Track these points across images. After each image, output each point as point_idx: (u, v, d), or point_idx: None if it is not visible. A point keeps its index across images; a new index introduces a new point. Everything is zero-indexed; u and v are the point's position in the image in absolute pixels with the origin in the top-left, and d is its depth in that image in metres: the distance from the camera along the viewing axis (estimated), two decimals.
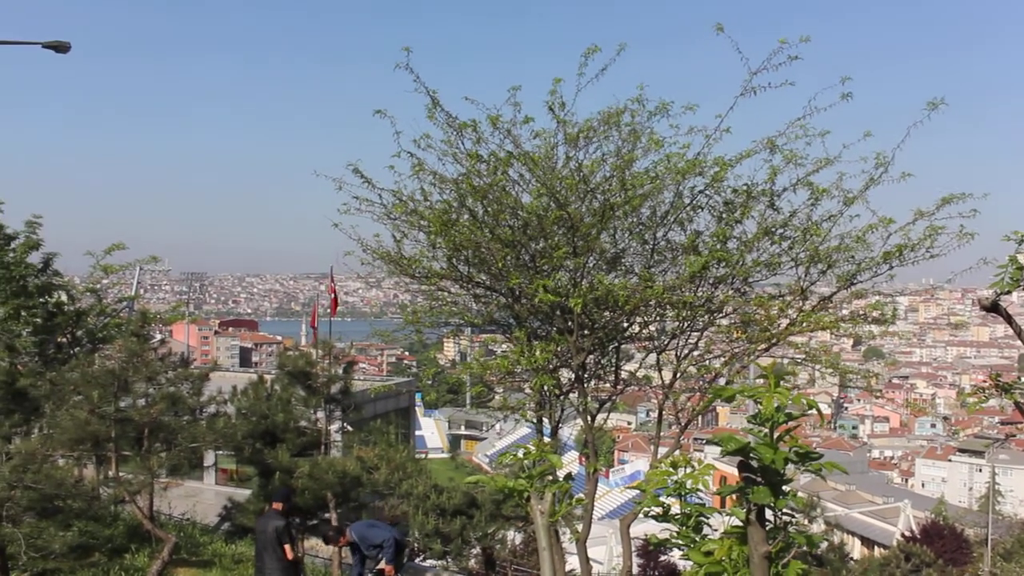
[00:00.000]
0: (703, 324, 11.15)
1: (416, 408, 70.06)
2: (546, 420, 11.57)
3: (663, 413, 11.46)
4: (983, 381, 9.24)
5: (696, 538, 3.81)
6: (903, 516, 58.87)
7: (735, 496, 3.48)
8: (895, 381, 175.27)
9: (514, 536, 28.17)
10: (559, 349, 10.72)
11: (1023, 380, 7.72)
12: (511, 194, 10.56)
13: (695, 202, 10.50)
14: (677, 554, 4.39)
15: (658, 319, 11.57)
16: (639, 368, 12.01)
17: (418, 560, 24.23)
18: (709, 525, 3.97)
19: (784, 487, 3.35)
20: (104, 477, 14.28)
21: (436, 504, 21.22)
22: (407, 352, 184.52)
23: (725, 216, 10.47)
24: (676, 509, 4.08)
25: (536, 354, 10.21)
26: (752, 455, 3.35)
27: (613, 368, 11.80)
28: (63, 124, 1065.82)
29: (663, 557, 36.09)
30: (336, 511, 16.48)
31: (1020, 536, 43.04)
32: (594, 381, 11.72)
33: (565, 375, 11.45)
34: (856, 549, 59.97)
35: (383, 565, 11.98)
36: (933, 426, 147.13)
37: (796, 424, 3.50)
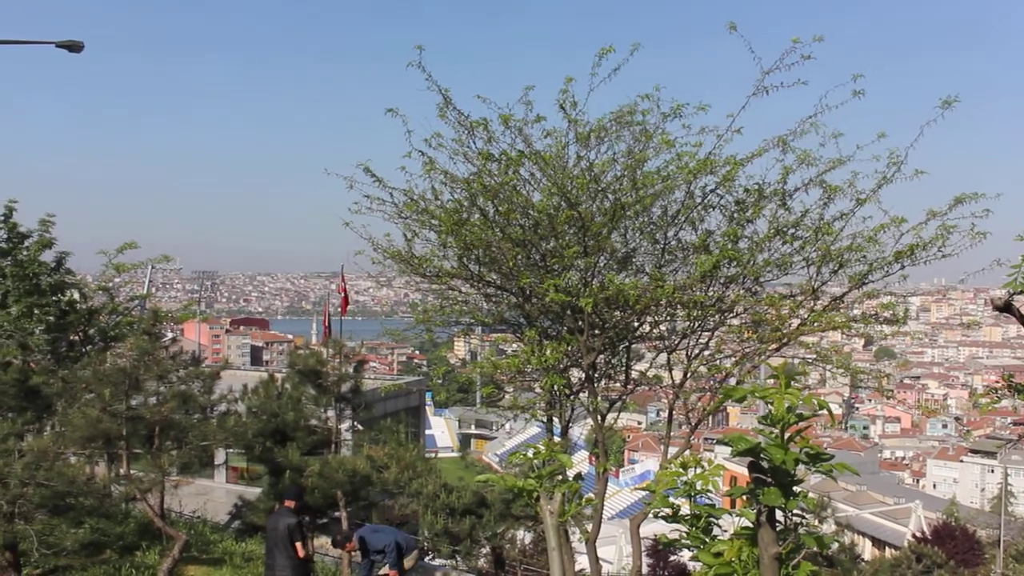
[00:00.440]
0: (714, 324, 11.12)
1: (426, 407, 70.04)
2: (556, 420, 11.57)
3: (673, 413, 11.44)
4: (996, 381, 9.20)
5: (706, 539, 3.80)
6: (914, 517, 58.67)
7: (745, 497, 3.47)
8: (907, 381, 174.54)
9: (524, 536, 28.20)
10: (569, 349, 10.71)
11: None
12: (522, 193, 10.55)
13: (706, 201, 10.47)
14: (687, 554, 4.38)
15: (669, 319, 11.54)
16: (649, 368, 11.98)
17: (427, 559, 24.27)
18: (719, 526, 3.96)
19: (795, 488, 3.34)
20: (115, 475, 14.33)
21: (446, 503, 21.27)
22: (417, 351, 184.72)
23: (736, 216, 10.44)
24: (686, 510, 4.07)
25: (546, 353, 10.21)
26: (763, 456, 3.34)
27: (623, 368, 11.78)
28: (75, 123, 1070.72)
29: (673, 557, 35.98)
30: (346, 510, 16.51)
31: None
32: (604, 381, 11.70)
33: (575, 375, 11.43)
34: (867, 550, 59.74)
35: (386, 570, 12.05)
36: (945, 427, 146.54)
37: (807, 425, 3.48)
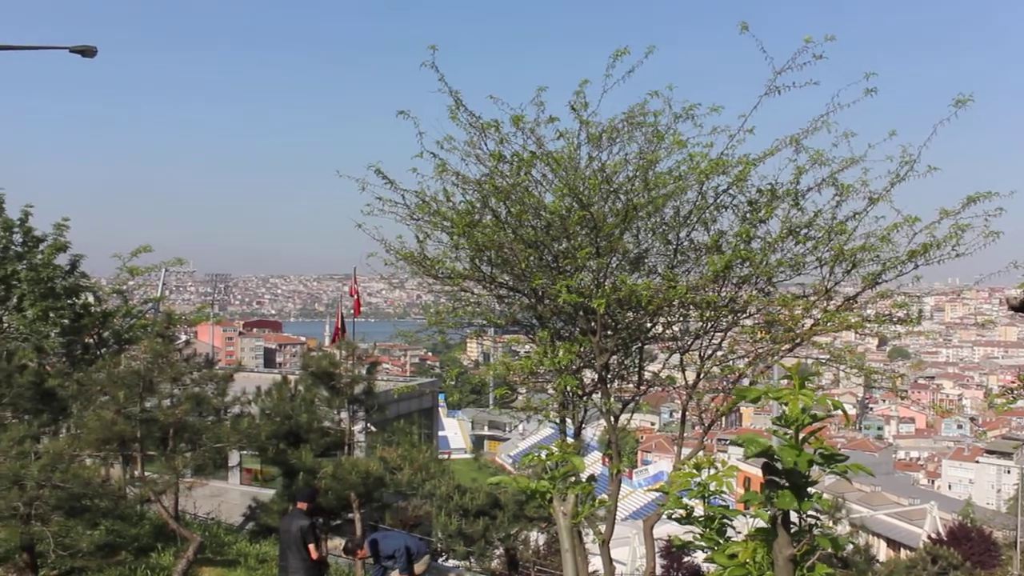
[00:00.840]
0: (727, 324, 11.09)
1: (439, 409, 70.14)
2: (569, 421, 11.56)
3: (686, 414, 11.42)
4: (1011, 381, 9.16)
5: (720, 540, 3.78)
6: (929, 518, 58.32)
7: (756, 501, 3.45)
8: (921, 382, 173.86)
9: (537, 537, 28.17)
10: (582, 350, 10.69)
11: None
12: (534, 194, 10.55)
13: (719, 202, 10.44)
14: (701, 556, 4.37)
15: (681, 319, 11.51)
16: (662, 369, 11.95)
17: (441, 560, 24.28)
18: (733, 527, 3.94)
19: (809, 490, 3.32)
20: (130, 477, 14.41)
21: (459, 505, 21.28)
22: (430, 353, 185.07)
23: (749, 216, 10.41)
24: (699, 511, 4.06)
25: (559, 355, 10.20)
26: (776, 458, 3.32)
27: (636, 369, 11.76)
28: (90, 124, 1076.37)
29: (686, 559, 35.92)
30: (360, 511, 16.54)
31: None
32: (617, 382, 11.69)
33: (588, 376, 11.42)
34: (882, 551, 59.45)
35: (396, 575, 12.11)
36: (960, 427, 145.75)
37: (821, 426, 3.47)
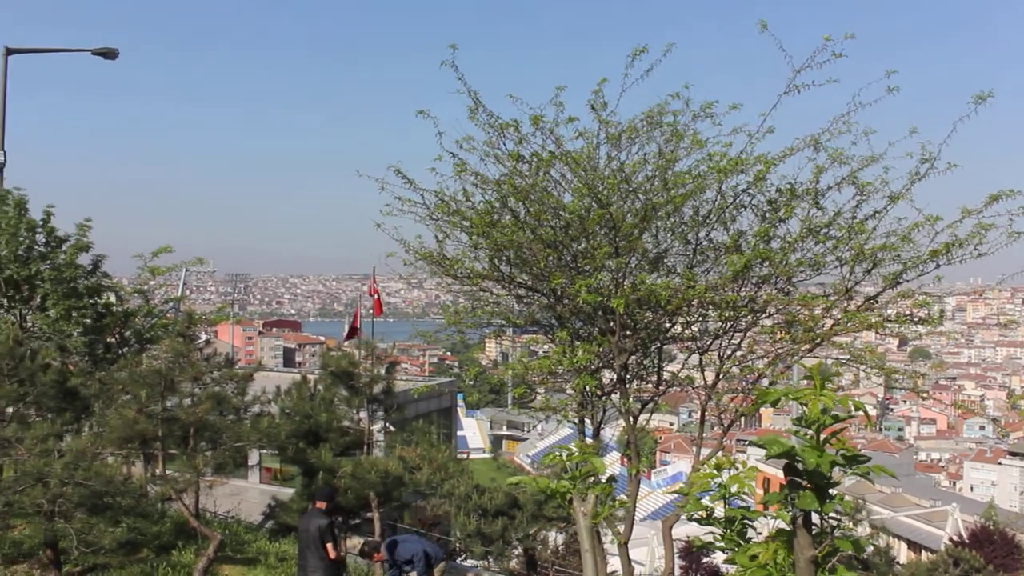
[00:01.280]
0: (746, 324, 11.04)
1: (458, 408, 70.23)
2: (588, 421, 11.55)
3: (705, 414, 11.38)
4: None
5: (741, 542, 3.77)
6: (951, 520, 57.84)
7: (777, 501, 3.44)
8: (942, 382, 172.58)
9: (556, 537, 28.18)
10: (601, 350, 10.68)
11: None
12: (553, 194, 10.55)
13: (738, 201, 10.41)
14: (720, 556, 4.36)
15: (700, 319, 11.47)
16: (681, 369, 11.92)
17: (459, 560, 24.31)
18: (754, 528, 3.93)
19: (831, 491, 3.31)
20: (152, 475, 14.51)
21: (478, 504, 21.28)
22: (449, 352, 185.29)
23: (768, 215, 10.37)
24: (719, 512, 4.05)
25: (578, 355, 10.19)
26: (798, 459, 3.31)
27: (655, 369, 11.73)
28: (113, 126, 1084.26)
29: (705, 559, 35.82)
30: (378, 511, 16.59)
31: None
32: (636, 382, 11.67)
33: (607, 376, 11.41)
34: (903, 553, 59.04)
35: None
36: (982, 428, 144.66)
37: (842, 427, 3.45)
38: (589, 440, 11.25)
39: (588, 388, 10.88)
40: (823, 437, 3.35)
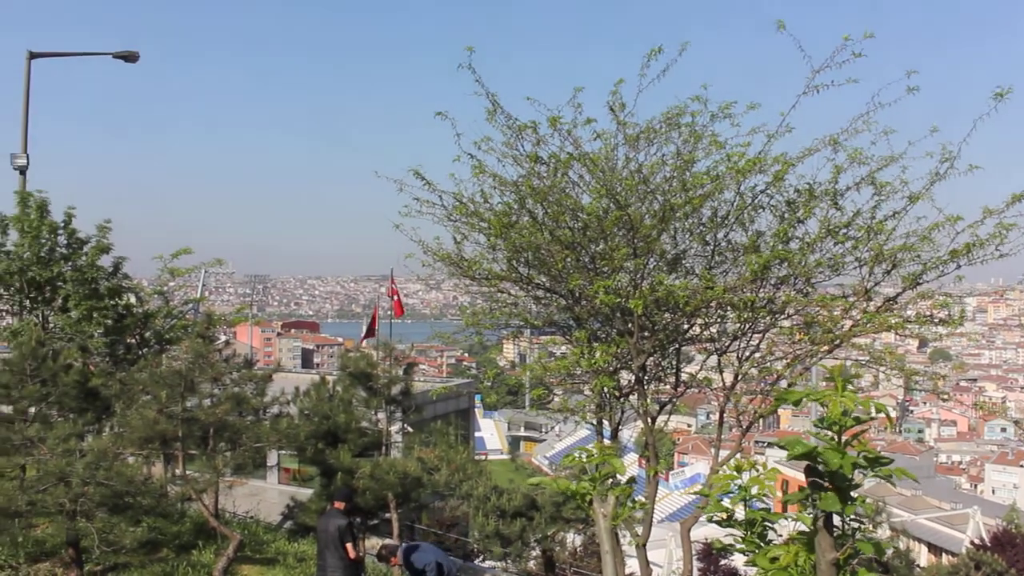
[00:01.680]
0: (765, 325, 10.99)
1: (475, 410, 70.30)
2: (606, 422, 11.54)
3: (724, 416, 11.34)
4: None
5: (761, 544, 3.76)
6: (972, 523, 57.34)
7: (800, 501, 3.43)
8: (963, 384, 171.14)
9: (573, 538, 28.13)
10: (619, 351, 10.67)
11: None
12: (571, 196, 10.54)
13: (756, 202, 10.37)
14: (739, 558, 4.34)
15: (719, 320, 11.44)
16: (700, 370, 11.88)
17: (477, 561, 24.34)
18: (774, 530, 3.92)
19: (852, 493, 3.29)
20: (172, 475, 14.61)
21: (496, 506, 21.29)
22: (466, 354, 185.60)
23: (787, 216, 10.33)
24: (739, 514, 4.03)
25: (596, 356, 10.18)
26: (819, 460, 3.29)
27: (673, 370, 11.71)
28: (142, 131, 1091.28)
29: (724, 561, 35.67)
30: (397, 512, 16.63)
31: None
32: (654, 383, 11.64)
33: (625, 377, 11.39)
34: (923, 556, 58.62)
35: None
36: (1003, 430, 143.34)
37: (864, 428, 3.43)
38: (607, 442, 11.24)
39: (606, 389, 10.87)
40: (844, 439, 3.34)
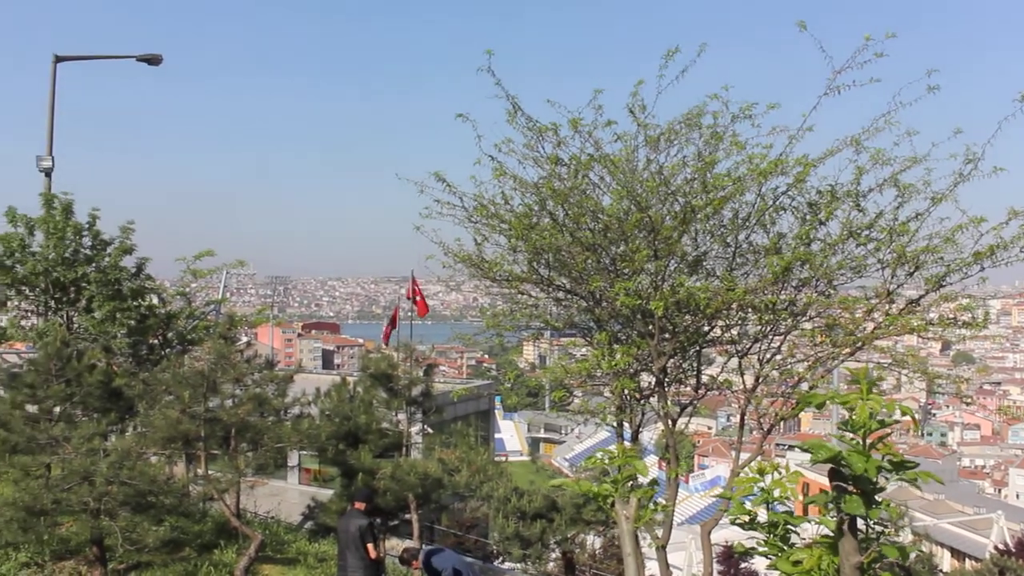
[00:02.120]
0: (786, 328, 10.94)
1: (495, 411, 70.27)
2: (626, 424, 11.52)
3: (745, 418, 11.30)
4: None
5: (784, 547, 3.74)
6: (996, 528, 56.74)
7: (824, 504, 3.41)
8: (986, 387, 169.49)
9: (593, 540, 28.09)
10: (640, 353, 10.66)
11: None
12: (591, 197, 10.54)
13: (778, 203, 10.32)
14: (759, 561, 4.32)
15: (740, 323, 11.40)
16: (720, 372, 11.84)
17: (497, 563, 24.34)
18: (796, 533, 3.90)
19: (877, 496, 3.27)
20: (194, 475, 14.70)
21: (516, 507, 21.28)
22: (486, 355, 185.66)
23: (809, 217, 10.27)
24: (761, 517, 4.01)
25: (617, 358, 10.17)
26: (844, 464, 3.27)
27: (694, 372, 11.67)
28: (180, 144, 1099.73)
29: (744, 564, 35.48)
30: (417, 513, 16.66)
31: None
32: (675, 385, 11.61)
33: (645, 379, 11.37)
34: (946, 561, 58.10)
35: None
36: None
37: (888, 432, 3.41)
38: (627, 443, 11.22)
39: (626, 391, 10.86)
40: (869, 442, 3.31)
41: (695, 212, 10.08)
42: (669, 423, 11.09)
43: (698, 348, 11.49)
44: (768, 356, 11.00)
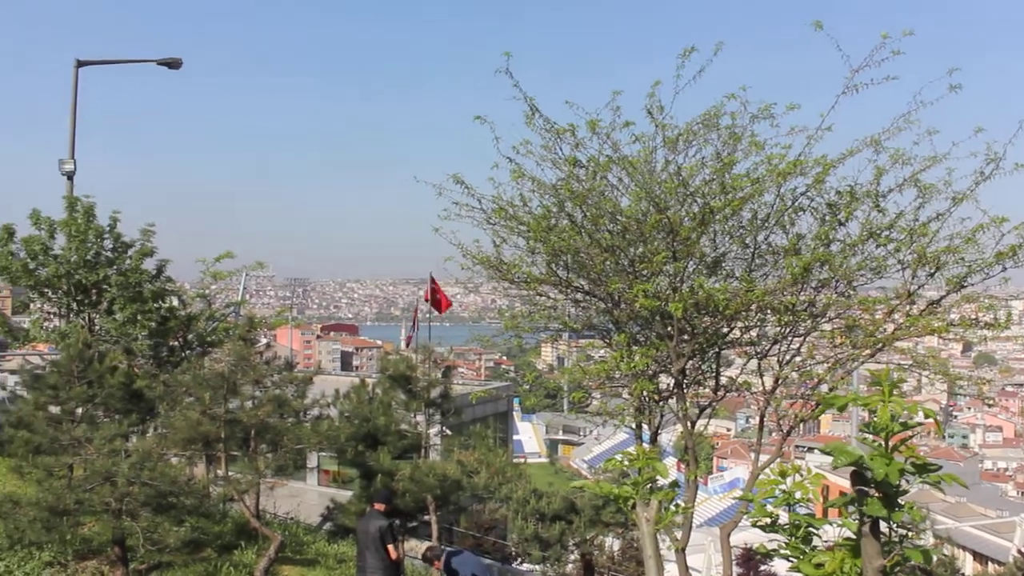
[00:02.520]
0: (805, 329, 10.89)
1: (514, 413, 70.24)
2: (645, 426, 11.49)
3: (764, 420, 11.25)
4: None
5: (806, 549, 3.72)
6: (1019, 531, 56.23)
7: (846, 507, 3.39)
8: (1009, 389, 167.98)
9: (612, 542, 28.05)
10: (658, 354, 10.63)
11: None
12: (610, 199, 10.52)
13: (797, 204, 10.27)
14: (779, 564, 4.30)
15: (759, 324, 11.36)
16: (739, 374, 11.80)
17: (516, 564, 24.33)
18: (818, 535, 3.87)
19: (899, 499, 3.25)
20: (214, 476, 14.78)
21: (536, 509, 21.30)
22: (505, 357, 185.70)
23: (828, 218, 10.22)
24: (782, 519, 3.99)
25: (635, 359, 10.15)
26: (866, 466, 3.25)
27: (713, 374, 11.63)
28: (210, 148, 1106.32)
29: (763, 566, 35.32)
30: (436, 514, 16.68)
31: None
32: (694, 387, 11.58)
33: (664, 381, 11.34)
34: (968, 565, 57.59)
35: None
36: None
37: (911, 434, 3.38)
38: (646, 445, 11.19)
39: (645, 393, 10.83)
40: (892, 444, 3.28)
41: (714, 213, 10.04)
42: (688, 425, 11.06)
43: (717, 350, 11.45)
44: (787, 358, 10.95)
